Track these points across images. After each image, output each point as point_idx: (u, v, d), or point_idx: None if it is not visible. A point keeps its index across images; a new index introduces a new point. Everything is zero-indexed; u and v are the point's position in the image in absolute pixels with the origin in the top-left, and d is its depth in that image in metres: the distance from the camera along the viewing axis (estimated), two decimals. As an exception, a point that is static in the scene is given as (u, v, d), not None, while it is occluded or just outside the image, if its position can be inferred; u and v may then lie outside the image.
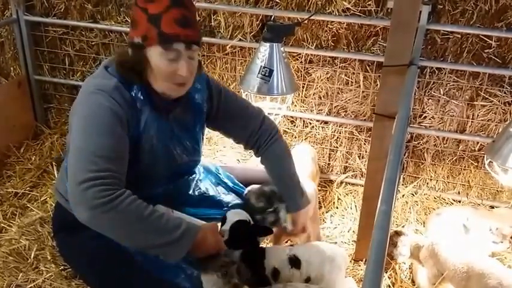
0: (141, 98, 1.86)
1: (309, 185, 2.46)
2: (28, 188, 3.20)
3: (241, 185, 2.35)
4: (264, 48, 2.66)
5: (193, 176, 2.25)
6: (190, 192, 2.21)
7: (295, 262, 2.08)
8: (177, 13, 1.75)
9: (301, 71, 3.32)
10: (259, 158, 2.28)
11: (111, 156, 1.72)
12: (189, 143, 2.09)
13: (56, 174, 3.31)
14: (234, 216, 2.02)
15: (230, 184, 2.35)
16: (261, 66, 2.65)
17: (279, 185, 2.20)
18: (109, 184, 1.66)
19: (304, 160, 3.07)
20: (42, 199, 3.07)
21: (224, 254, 1.86)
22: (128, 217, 1.67)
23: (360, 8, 3.02)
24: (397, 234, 2.42)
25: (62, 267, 2.41)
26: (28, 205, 3.00)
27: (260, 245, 2.15)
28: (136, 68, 1.82)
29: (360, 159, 3.48)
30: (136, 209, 1.68)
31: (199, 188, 2.25)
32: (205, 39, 3.38)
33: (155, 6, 1.74)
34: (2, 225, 2.79)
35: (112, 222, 1.67)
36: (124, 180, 1.76)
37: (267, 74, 2.65)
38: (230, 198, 2.30)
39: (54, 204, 2.89)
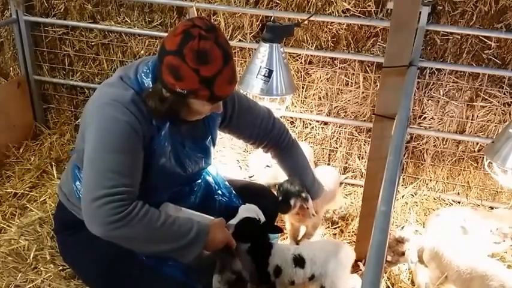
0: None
1: (333, 172, 2.99)
2: (27, 189, 3.20)
3: (237, 196, 2.35)
4: (264, 49, 2.65)
5: (199, 181, 2.25)
6: (192, 198, 2.21)
7: (299, 261, 2.12)
8: (228, 72, 1.74)
9: (301, 72, 3.32)
10: (271, 155, 2.41)
11: (126, 172, 1.74)
12: (199, 154, 2.10)
13: (55, 175, 3.31)
14: (244, 212, 2.06)
15: (226, 194, 2.35)
16: (260, 66, 2.65)
17: (299, 178, 2.37)
18: (122, 200, 1.69)
19: None
20: (41, 199, 3.07)
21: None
22: (141, 231, 1.73)
23: (359, 9, 3.02)
24: (398, 241, 2.39)
25: (61, 267, 2.41)
26: (27, 205, 3.00)
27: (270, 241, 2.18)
28: (174, 109, 1.82)
29: (359, 159, 3.48)
30: (149, 221, 1.73)
31: (201, 192, 2.26)
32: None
33: (209, 69, 1.69)
34: (2, 225, 2.79)
35: (126, 236, 1.73)
36: (137, 192, 1.78)
37: (266, 75, 2.65)
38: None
39: (53, 205, 2.91)
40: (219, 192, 2.32)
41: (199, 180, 2.25)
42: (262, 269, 2.08)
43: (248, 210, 2.08)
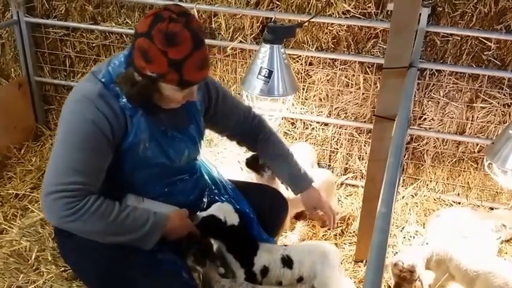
0: (130, 105, 1.85)
1: (324, 173, 2.98)
2: (29, 190, 3.20)
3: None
4: (264, 50, 2.66)
5: (194, 176, 2.25)
6: (191, 197, 2.20)
7: (287, 262, 2.13)
8: (198, 56, 1.73)
9: (301, 73, 3.33)
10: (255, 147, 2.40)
11: (86, 170, 1.79)
12: (184, 143, 2.07)
13: (56, 176, 3.31)
14: (214, 209, 2.07)
15: (231, 194, 2.33)
16: (261, 67, 2.66)
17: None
18: (75, 196, 1.75)
19: (299, 157, 3.16)
20: (43, 200, 3.07)
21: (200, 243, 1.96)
22: (94, 224, 1.79)
23: (359, 10, 3.03)
24: (411, 272, 2.31)
25: (63, 268, 2.41)
26: (29, 206, 3.00)
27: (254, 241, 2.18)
28: (145, 93, 1.81)
29: (360, 160, 3.49)
30: (101, 215, 1.79)
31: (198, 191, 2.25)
32: (206, 41, 3.36)
33: (177, 52, 1.68)
34: (3, 226, 2.80)
35: (80, 229, 1.81)
36: (95, 189, 1.82)
37: (267, 75, 2.65)
38: None
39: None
40: (222, 191, 2.32)
41: (195, 176, 2.23)
42: (247, 268, 2.09)
43: (218, 209, 2.08)
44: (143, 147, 1.92)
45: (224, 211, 2.08)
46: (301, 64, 3.31)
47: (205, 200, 2.25)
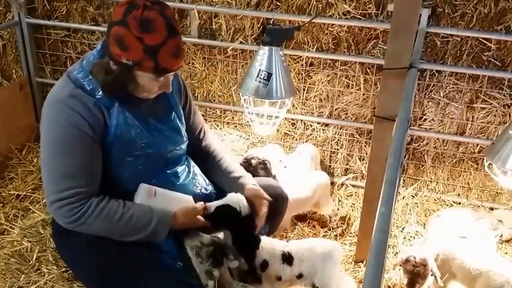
0: (106, 99, 1.85)
1: (319, 175, 2.98)
2: (30, 190, 3.21)
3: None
4: (263, 52, 2.64)
5: (189, 167, 2.22)
6: (198, 187, 2.19)
7: (287, 259, 2.13)
8: (173, 44, 1.75)
9: (302, 74, 3.34)
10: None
11: (76, 173, 1.80)
12: (167, 133, 2.07)
13: (57, 176, 3.32)
14: (229, 199, 2.05)
15: None
16: (259, 69, 2.64)
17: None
18: (74, 202, 1.79)
19: (303, 158, 3.22)
20: (44, 201, 3.07)
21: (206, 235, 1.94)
22: (100, 227, 1.83)
23: (360, 11, 3.04)
24: (424, 265, 2.29)
25: (64, 269, 2.41)
26: (30, 207, 3.01)
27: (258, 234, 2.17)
28: (120, 82, 1.81)
29: (360, 161, 3.49)
30: (106, 218, 1.82)
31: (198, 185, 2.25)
32: (206, 42, 3.40)
33: (153, 38, 1.70)
34: (4, 227, 2.80)
35: (87, 231, 1.85)
36: (94, 189, 1.84)
37: (265, 78, 2.64)
38: None
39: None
40: None
41: (190, 167, 2.21)
42: (249, 261, 2.08)
43: (233, 200, 2.06)
44: (127, 139, 1.91)
45: (238, 201, 2.06)
46: (302, 65, 3.31)
47: (209, 188, 2.24)
